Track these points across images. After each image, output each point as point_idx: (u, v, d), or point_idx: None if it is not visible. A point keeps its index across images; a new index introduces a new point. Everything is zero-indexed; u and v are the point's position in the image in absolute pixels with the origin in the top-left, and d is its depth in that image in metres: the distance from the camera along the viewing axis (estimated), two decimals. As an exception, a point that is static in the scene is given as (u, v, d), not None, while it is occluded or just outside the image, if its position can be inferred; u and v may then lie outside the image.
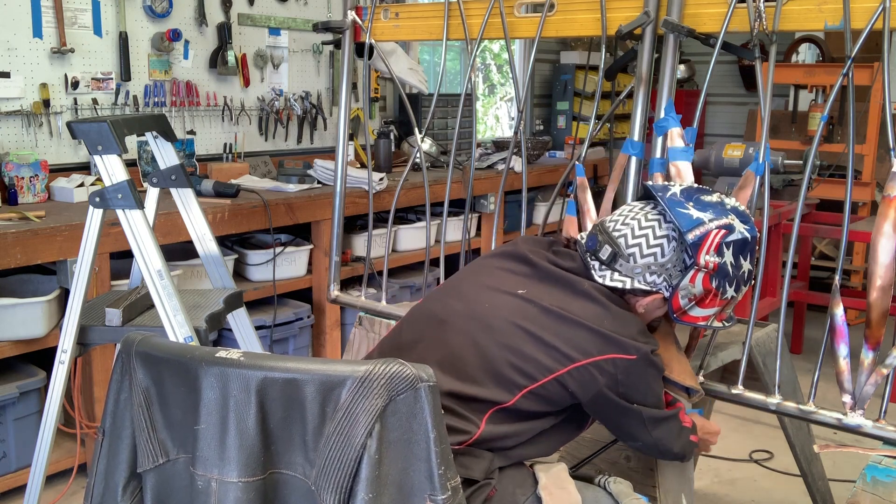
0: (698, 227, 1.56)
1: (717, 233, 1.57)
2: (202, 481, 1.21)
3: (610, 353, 1.49)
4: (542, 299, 1.56)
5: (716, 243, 1.56)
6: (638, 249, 1.60)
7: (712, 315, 1.66)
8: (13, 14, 3.16)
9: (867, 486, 1.53)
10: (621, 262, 1.61)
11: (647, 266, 1.60)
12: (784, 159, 3.67)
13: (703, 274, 1.58)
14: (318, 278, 3.63)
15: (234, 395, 1.20)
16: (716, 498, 2.91)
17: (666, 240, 1.60)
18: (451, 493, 1.18)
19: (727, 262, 1.59)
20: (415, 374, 1.18)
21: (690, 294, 1.60)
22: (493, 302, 1.59)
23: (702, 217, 1.58)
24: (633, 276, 1.60)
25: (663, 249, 1.59)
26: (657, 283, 1.60)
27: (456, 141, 2.51)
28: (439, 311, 1.64)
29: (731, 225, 1.59)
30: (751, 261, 1.64)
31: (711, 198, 1.65)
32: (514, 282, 1.62)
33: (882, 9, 1.64)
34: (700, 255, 1.56)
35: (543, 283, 1.61)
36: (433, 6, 2.40)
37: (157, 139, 2.38)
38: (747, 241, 1.61)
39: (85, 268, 2.12)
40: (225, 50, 3.84)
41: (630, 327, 1.54)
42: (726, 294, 1.62)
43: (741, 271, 1.62)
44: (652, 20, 1.92)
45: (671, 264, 1.59)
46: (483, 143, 5.21)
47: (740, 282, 1.64)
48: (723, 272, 1.59)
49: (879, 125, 4.37)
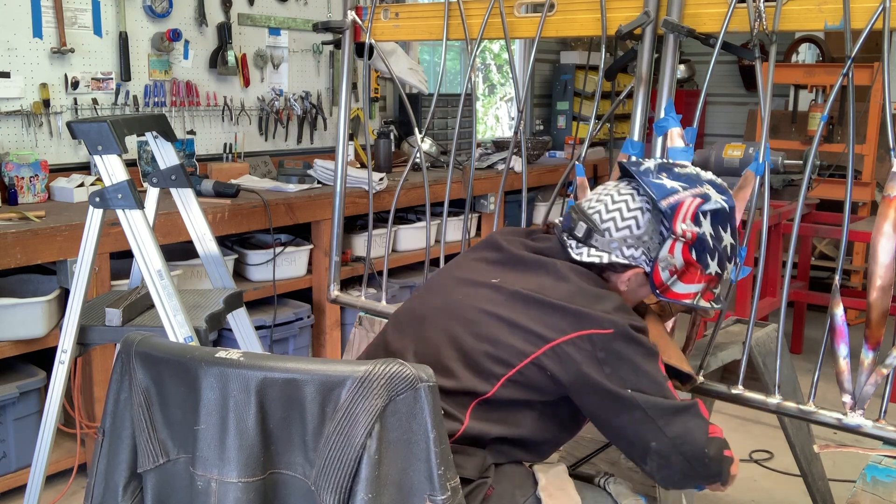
0: (672, 195, 1.54)
1: (693, 201, 1.54)
2: (202, 481, 1.21)
3: (584, 329, 1.45)
4: (515, 284, 1.54)
5: (692, 211, 1.54)
6: (613, 223, 1.58)
7: (697, 293, 1.61)
8: (13, 14, 3.16)
9: (867, 486, 1.53)
10: (597, 237, 1.59)
11: (624, 239, 1.57)
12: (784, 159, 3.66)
13: (681, 244, 1.55)
14: (318, 278, 3.63)
15: (233, 396, 1.20)
16: (716, 498, 2.91)
17: (640, 212, 1.57)
18: (450, 494, 1.18)
19: (706, 233, 1.55)
20: (415, 375, 1.18)
21: (670, 266, 1.56)
22: (467, 293, 1.57)
23: (676, 186, 1.56)
24: (609, 251, 1.58)
25: (638, 221, 1.57)
26: (636, 256, 1.57)
27: (456, 141, 2.51)
28: (419, 308, 1.64)
29: (706, 194, 1.57)
30: (732, 235, 1.61)
31: (686, 170, 1.63)
32: (488, 271, 1.61)
33: (882, 9, 1.64)
34: (676, 223, 1.53)
35: (516, 269, 1.59)
36: (433, 6, 2.40)
37: (157, 139, 2.39)
38: (725, 211, 1.58)
39: (85, 268, 2.12)
40: (225, 50, 3.84)
41: (605, 303, 1.50)
42: (709, 269, 1.58)
43: (723, 245, 1.59)
44: (652, 20, 1.92)
45: (648, 236, 1.57)
46: (483, 143, 5.21)
47: (723, 257, 1.60)
48: (702, 243, 1.56)
49: (879, 125, 4.37)
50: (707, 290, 1.63)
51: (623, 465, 2.00)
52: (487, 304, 1.53)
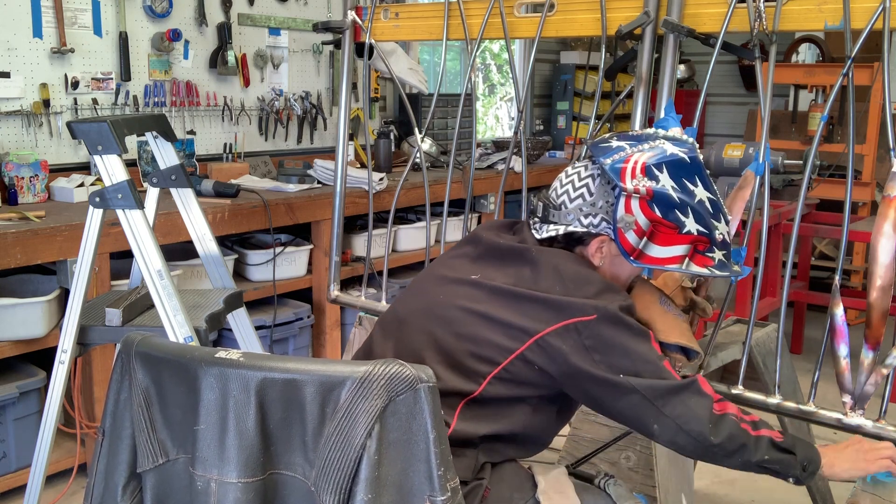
0: (616, 153, 1.50)
1: (641, 155, 1.49)
2: (202, 482, 1.21)
3: (567, 319, 1.41)
4: (494, 279, 1.51)
5: (641, 164, 1.47)
6: (566, 196, 1.56)
7: (684, 256, 1.51)
8: (13, 14, 3.16)
9: (867, 486, 1.53)
10: (553, 212, 1.57)
11: (579, 209, 1.54)
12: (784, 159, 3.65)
13: (637, 200, 1.48)
14: (318, 278, 3.63)
15: (233, 396, 1.20)
16: (716, 498, 2.91)
17: (591, 178, 1.55)
18: (450, 495, 1.18)
19: (666, 186, 1.48)
20: (414, 375, 1.18)
21: (632, 226, 1.49)
22: (447, 292, 1.55)
23: (622, 145, 1.52)
24: (567, 223, 1.55)
25: (589, 188, 1.54)
26: (595, 223, 1.54)
27: (456, 141, 2.51)
28: (401, 310, 1.61)
29: (658, 147, 1.51)
30: (706, 187, 1.51)
31: (643, 132, 1.59)
32: (468, 267, 1.58)
33: (882, 9, 1.64)
34: (624, 179, 1.47)
35: (496, 262, 1.56)
36: (433, 6, 2.40)
37: (157, 139, 2.39)
38: (685, 161, 1.50)
39: (85, 268, 2.12)
40: (225, 50, 3.84)
41: (585, 287, 1.45)
42: (685, 227, 1.49)
43: (696, 199, 1.49)
44: (652, 20, 1.92)
45: (602, 200, 1.53)
46: (483, 143, 5.21)
47: (701, 212, 1.49)
48: (664, 198, 1.48)
49: (879, 125, 4.37)
50: (696, 253, 1.52)
51: (623, 465, 2.00)
52: (468, 301, 1.50)
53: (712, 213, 1.52)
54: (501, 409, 1.47)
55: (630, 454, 2.00)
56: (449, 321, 1.50)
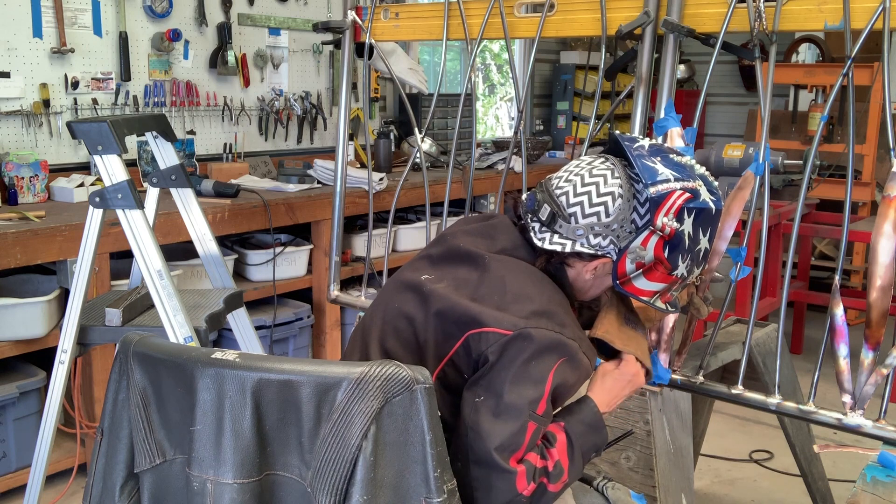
0: (662, 184, 1.41)
1: (682, 194, 1.42)
2: (198, 482, 1.21)
3: (481, 327, 1.36)
4: (441, 281, 1.47)
5: (678, 205, 1.42)
6: (579, 208, 1.45)
7: (657, 292, 1.51)
8: (13, 14, 3.16)
9: (867, 486, 1.53)
10: (561, 222, 1.47)
11: (591, 227, 1.45)
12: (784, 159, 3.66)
13: (657, 238, 1.43)
14: (318, 278, 3.63)
15: (229, 397, 1.20)
16: (716, 498, 2.91)
17: (611, 197, 1.44)
18: (447, 496, 1.17)
19: (685, 232, 1.44)
20: (411, 377, 1.17)
21: (639, 259, 1.45)
22: (400, 300, 1.51)
23: (667, 174, 1.43)
24: (574, 238, 1.46)
25: (607, 208, 1.44)
26: (602, 245, 1.46)
27: (456, 141, 2.51)
28: (367, 318, 1.59)
29: (696, 190, 1.44)
30: (709, 239, 1.50)
31: (682, 159, 1.50)
32: (426, 269, 1.53)
33: (882, 9, 1.63)
34: (658, 215, 1.41)
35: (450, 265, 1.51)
36: (433, 6, 2.40)
37: (157, 139, 2.38)
38: (710, 212, 1.46)
39: (85, 268, 2.12)
40: (225, 50, 3.84)
41: (521, 305, 1.38)
42: (676, 269, 1.47)
43: (697, 247, 1.48)
44: (652, 20, 1.92)
45: (617, 224, 1.45)
46: (483, 143, 5.21)
47: (694, 260, 1.49)
48: (678, 242, 1.44)
49: (879, 125, 4.37)
50: (667, 292, 1.53)
51: (623, 465, 2.00)
52: (413, 308, 1.47)
53: (699, 262, 1.51)
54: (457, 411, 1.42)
55: (630, 454, 2.00)
56: (396, 330, 1.48)
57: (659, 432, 1.97)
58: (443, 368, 1.42)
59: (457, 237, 1.57)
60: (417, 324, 1.45)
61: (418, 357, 1.45)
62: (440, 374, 1.42)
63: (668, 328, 1.90)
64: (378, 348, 1.50)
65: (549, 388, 1.36)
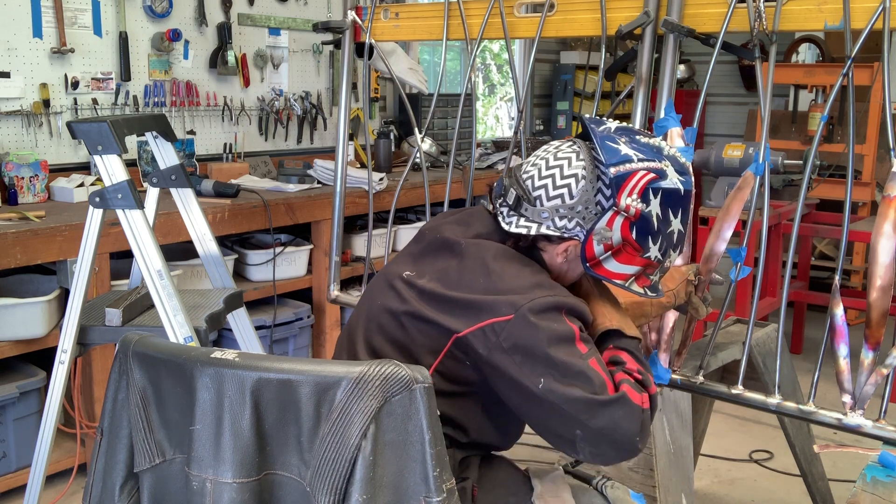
0: (624, 164, 1.40)
1: (646, 174, 1.40)
2: (197, 482, 1.21)
3: (484, 320, 1.35)
4: (424, 275, 1.47)
5: (641, 185, 1.40)
6: (544, 191, 1.45)
7: (631, 276, 1.48)
8: (13, 14, 3.16)
9: (867, 486, 1.53)
10: (527, 206, 1.46)
11: (555, 209, 1.45)
12: (784, 159, 3.67)
13: (622, 219, 1.41)
14: (318, 278, 3.63)
15: (228, 396, 1.20)
16: (716, 498, 2.91)
17: (574, 179, 1.44)
18: (446, 496, 1.17)
19: (653, 213, 1.42)
20: (410, 376, 1.17)
21: (605, 240, 1.43)
22: (383, 297, 1.51)
23: (630, 154, 1.42)
24: (540, 221, 1.46)
25: (571, 190, 1.44)
26: (568, 227, 1.45)
27: (456, 141, 2.51)
28: (353, 318, 1.59)
29: (662, 171, 1.43)
30: (682, 220, 1.47)
31: (650, 140, 1.48)
32: (408, 265, 1.53)
33: (882, 9, 1.63)
34: (621, 195, 1.39)
35: (431, 257, 1.51)
36: (433, 6, 2.40)
37: (157, 139, 2.39)
38: (679, 193, 1.44)
39: (85, 268, 2.12)
40: (225, 50, 3.84)
41: (510, 282, 1.38)
42: (648, 252, 1.45)
43: (669, 230, 1.45)
44: (652, 20, 1.92)
45: (582, 206, 1.44)
46: (483, 143, 5.21)
47: (667, 243, 1.46)
48: (646, 223, 1.42)
49: (879, 125, 4.37)
50: (642, 275, 1.50)
51: (623, 465, 2.00)
52: (398, 304, 1.47)
53: (674, 245, 1.49)
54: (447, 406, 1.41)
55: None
56: (383, 328, 1.48)
57: (659, 432, 1.98)
58: (441, 361, 1.41)
59: (435, 230, 1.57)
60: (403, 320, 1.45)
61: (407, 353, 1.44)
62: (439, 366, 1.41)
63: (667, 328, 1.90)
64: (365, 347, 1.50)
65: (576, 330, 1.37)
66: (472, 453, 1.51)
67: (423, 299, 1.44)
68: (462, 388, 1.44)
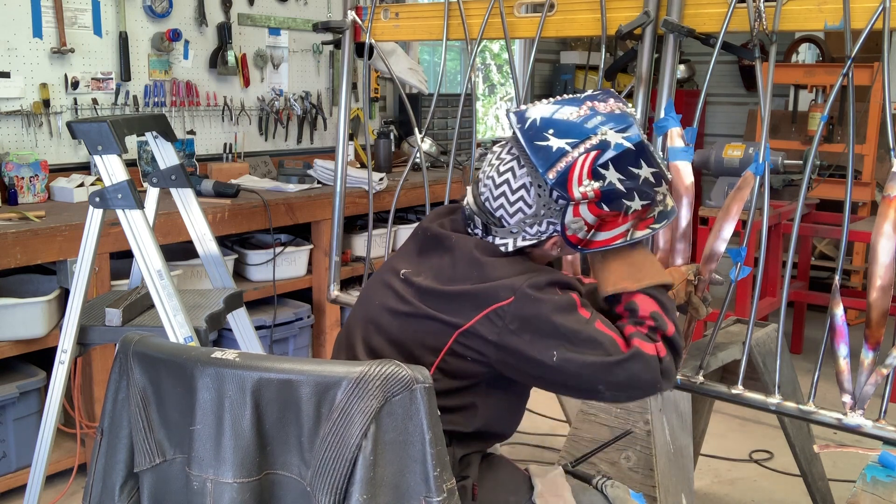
0: (559, 162, 1.38)
1: (585, 158, 1.38)
2: (198, 482, 1.21)
3: (486, 307, 1.38)
4: (420, 273, 1.48)
5: (587, 170, 1.38)
6: (503, 210, 1.45)
7: (625, 232, 1.47)
8: (13, 14, 3.16)
9: (867, 486, 1.53)
10: (494, 228, 1.47)
11: (521, 221, 1.45)
12: (784, 159, 3.67)
13: (585, 205, 1.41)
14: (318, 278, 3.63)
15: (229, 396, 1.20)
16: (716, 498, 2.91)
17: (524, 190, 1.43)
18: (446, 496, 1.17)
19: (613, 182, 1.40)
20: (410, 376, 1.18)
21: (582, 227, 1.44)
22: (380, 296, 1.52)
23: (562, 146, 1.39)
24: (514, 236, 1.46)
25: (526, 201, 1.43)
26: (542, 231, 1.45)
27: (456, 141, 2.51)
28: (351, 319, 1.60)
29: (602, 142, 1.39)
30: (649, 163, 1.43)
31: (579, 111, 1.44)
32: (404, 263, 1.54)
33: (882, 9, 1.63)
34: (571, 189, 1.39)
35: (425, 254, 1.53)
36: (433, 6, 2.40)
37: (157, 139, 2.39)
38: (630, 150, 1.41)
39: (85, 268, 2.12)
40: (225, 50, 3.84)
41: (504, 268, 1.41)
42: (630, 209, 1.44)
43: (640, 180, 1.42)
44: (652, 20, 1.92)
45: (544, 209, 1.43)
46: (483, 143, 5.21)
47: (646, 189, 1.44)
48: (612, 193, 1.41)
49: (879, 125, 4.37)
50: (638, 223, 1.49)
51: (623, 465, 2.00)
52: (396, 302, 1.48)
53: (655, 183, 1.46)
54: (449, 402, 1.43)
55: (630, 454, 2.00)
56: (382, 327, 1.49)
57: (659, 432, 1.98)
58: (443, 358, 1.42)
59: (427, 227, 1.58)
60: (405, 319, 1.46)
61: (407, 353, 1.45)
62: (441, 363, 1.43)
63: None
64: (364, 347, 1.51)
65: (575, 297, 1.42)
66: (473, 449, 1.51)
67: (423, 297, 1.45)
68: (465, 383, 1.45)
